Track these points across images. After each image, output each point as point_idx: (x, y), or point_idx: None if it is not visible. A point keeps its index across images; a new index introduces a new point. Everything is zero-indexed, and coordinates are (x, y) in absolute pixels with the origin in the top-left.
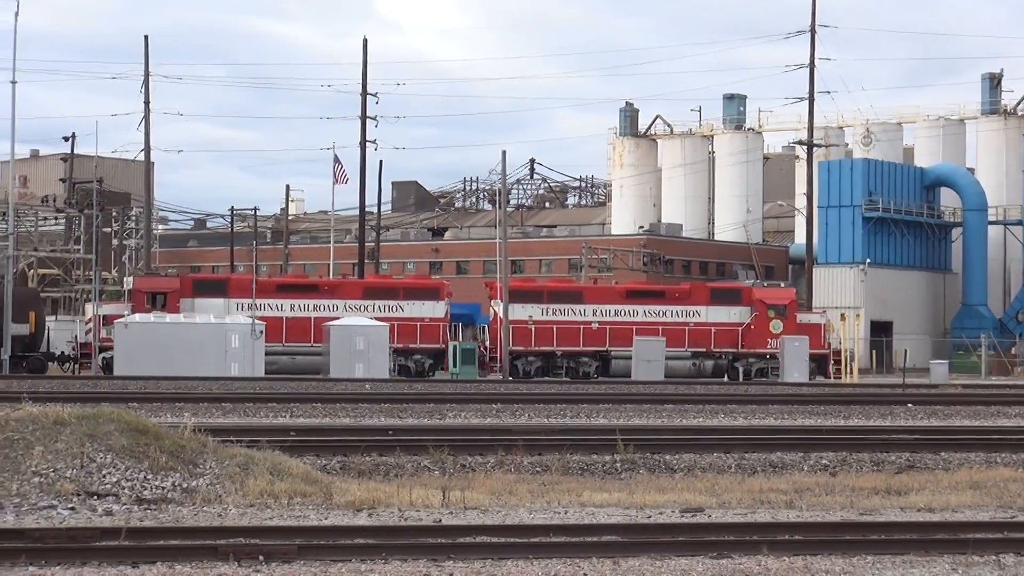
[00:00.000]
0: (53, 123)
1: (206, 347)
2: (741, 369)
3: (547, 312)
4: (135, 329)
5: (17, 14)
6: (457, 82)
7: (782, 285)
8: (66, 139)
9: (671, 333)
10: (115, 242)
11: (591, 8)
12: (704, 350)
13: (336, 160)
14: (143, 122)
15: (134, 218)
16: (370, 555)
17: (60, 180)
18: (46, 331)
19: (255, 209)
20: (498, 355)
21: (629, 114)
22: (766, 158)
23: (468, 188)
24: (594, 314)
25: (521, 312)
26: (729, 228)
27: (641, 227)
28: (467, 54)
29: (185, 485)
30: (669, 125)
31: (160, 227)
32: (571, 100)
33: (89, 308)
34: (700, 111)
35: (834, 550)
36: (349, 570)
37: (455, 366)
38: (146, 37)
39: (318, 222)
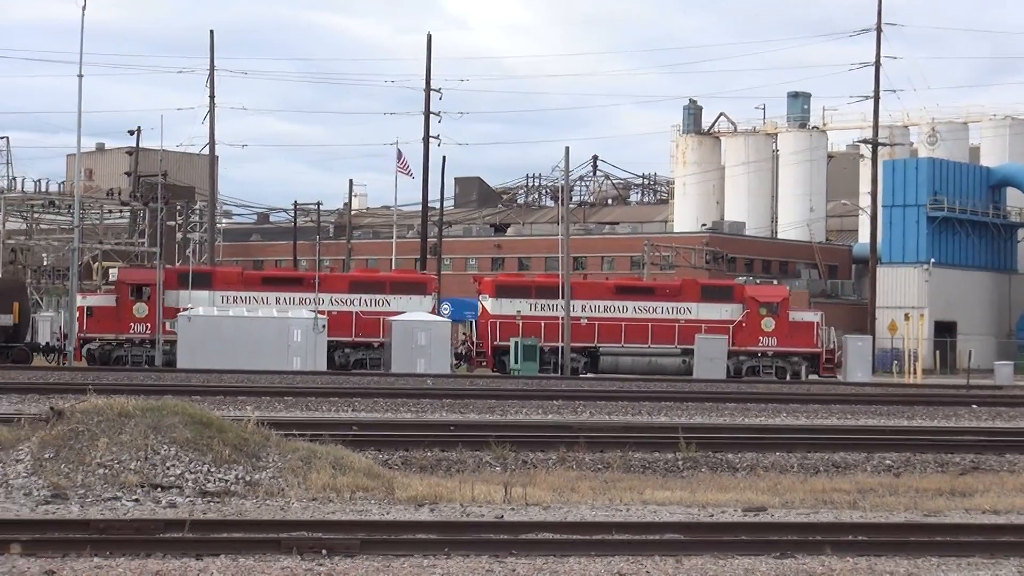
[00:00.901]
0: (119, 117)
1: (268, 341)
2: (732, 367)
3: (535, 307)
4: (198, 322)
5: (84, 8)
6: (521, 78)
7: (775, 283)
8: (131, 133)
9: (661, 330)
10: (179, 236)
11: (656, 5)
12: (694, 348)
13: (399, 154)
14: (208, 116)
15: (198, 212)
16: (432, 550)
17: (125, 173)
18: (31, 322)
19: (318, 204)
20: (486, 350)
21: (693, 112)
22: (830, 157)
23: (531, 184)
24: (583, 310)
25: (509, 307)
26: (792, 227)
27: (704, 225)
28: (531, 50)
29: (248, 478)
30: (733, 123)
31: (224, 221)
32: (635, 97)
33: (77, 299)
34: (764, 109)
35: (898, 551)
36: (411, 565)
37: (516, 362)
38: (211, 32)
39: (381, 217)
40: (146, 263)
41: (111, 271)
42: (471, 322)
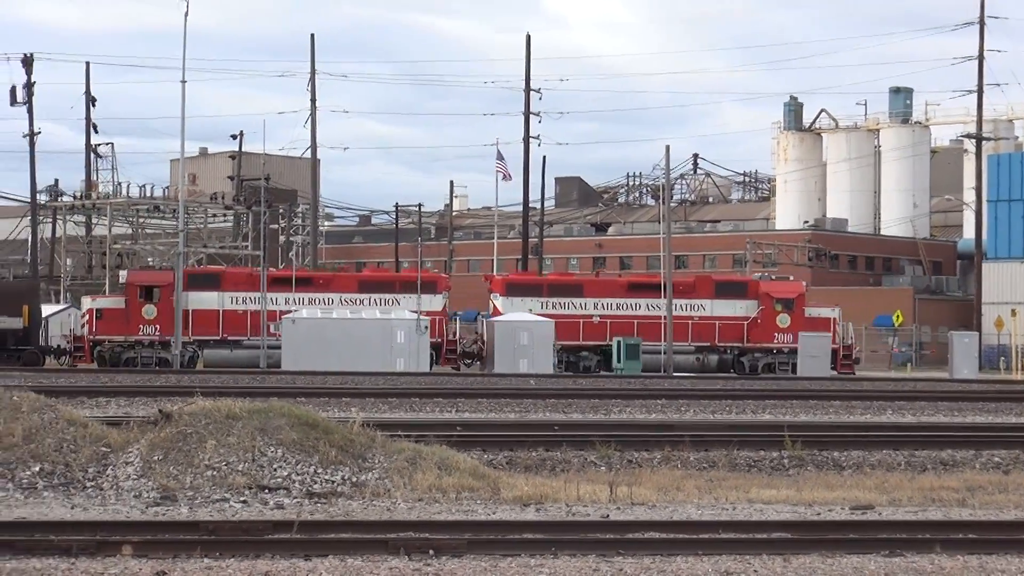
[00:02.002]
0: (221, 121)
1: (372, 342)
2: (747, 364)
3: (547, 306)
4: (302, 325)
5: (187, 14)
6: (621, 77)
7: (791, 279)
8: (234, 137)
9: (675, 327)
10: (282, 238)
11: (756, 1)
12: (708, 344)
13: (499, 156)
14: (309, 120)
15: (300, 215)
16: (539, 550)
17: (228, 177)
18: (42, 324)
19: (419, 205)
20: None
21: (793, 108)
22: (933, 152)
23: (631, 183)
24: (595, 307)
25: (520, 305)
26: (895, 223)
27: (806, 222)
28: (631, 49)
29: (354, 479)
30: (834, 119)
31: (326, 223)
32: (735, 94)
33: (86, 301)
34: (865, 105)
35: (1010, 549)
36: (519, 565)
37: (619, 361)
38: (312, 36)
39: (482, 218)
40: (250, 266)
41: (121, 273)
42: (483, 321)
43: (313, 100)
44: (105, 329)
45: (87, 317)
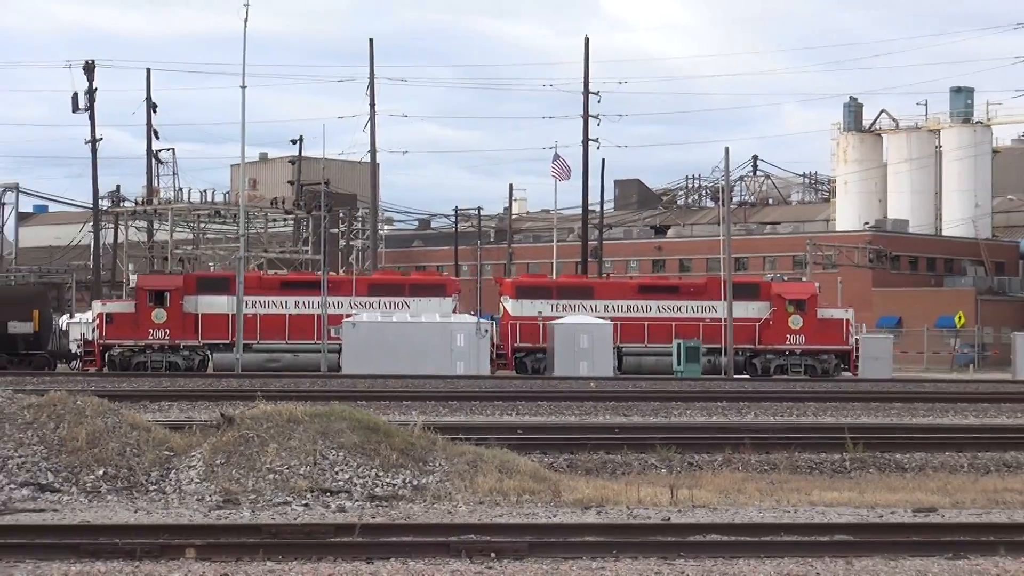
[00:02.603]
0: (281, 126)
1: (432, 346)
2: (759, 366)
3: (557, 308)
4: (363, 328)
5: (246, 21)
6: (680, 79)
7: (802, 279)
8: (294, 142)
9: (685, 329)
10: (342, 243)
11: (817, 2)
12: (720, 346)
13: (556, 157)
14: (369, 124)
15: (360, 219)
16: (600, 553)
17: (288, 182)
18: (53, 329)
19: (479, 209)
20: (507, 352)
21: (853, 109)
22: (995, 151)
23: (690, 185)
24: (605, 310)
25: (530, 308)
26: (957, 224)
27: (866, 223)
28: (690, 50)
29: (415, 482)
30: (894, 120)
31: (385, 228)
32: (794, 95)
33: (96, 306)
34: (926, 105)
35: None
36: (580, 568)
37: (679, 364)
38: (371, 41)
39: (541, 221)
40: (311, 271)
41: (131, 277)
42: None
43: (372, 105)
44: (115, 333)
45: (97, 321)
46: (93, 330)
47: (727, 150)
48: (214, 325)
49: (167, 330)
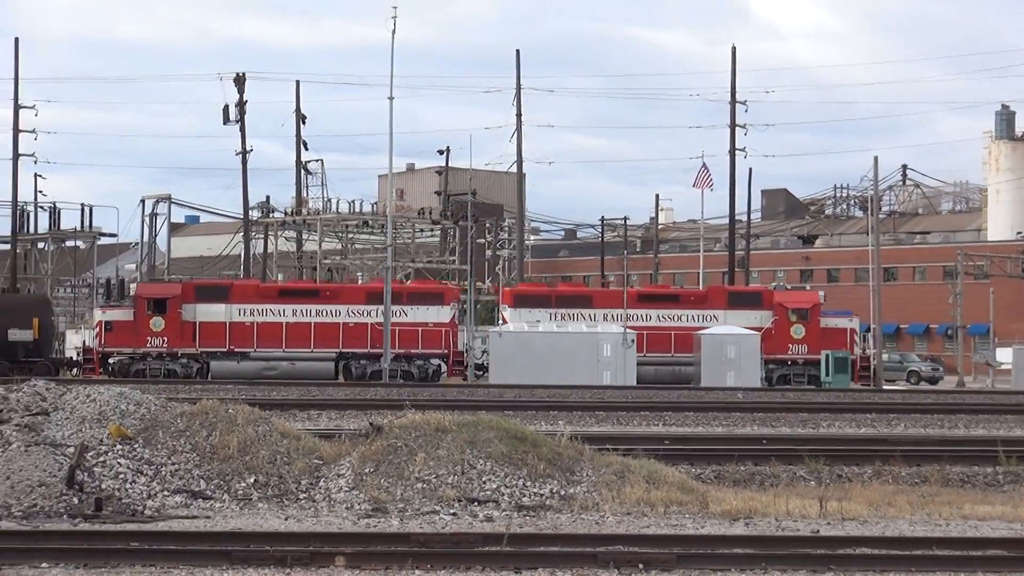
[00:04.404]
0: (428, 137)
1: (578, 356)
2: (762, 376)
3: (556, 317)
4: (509, 339)
5: (394, 32)
6: (829, 87)
7: (807, 288)
8: (441, 152)
9: (685, 338)
10: (488, 253)
11: (970, 8)
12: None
13: (703, 167)
14: (515, 134)
15: (507, 229)
16: (749, 565)
17: (435, 192)
18: (54, 336)
19: (625, 219)
20: None
21: (1005, 117)
22: None
23: (838, 195)
24: (604, 319)
25: (529, 317)
26: None
27: (1019, 233)
28: (840, 58)
29: (563, 492)
30: None
31: (532, 238)
32: (945, 103)
33: (96, 313)
34: None
35: None
36: None
37: (827, 375)
38: (517, 52)
39: (687, 231)
40: (458, 281)
41: (132, 286)
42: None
43: (519, 115)
44: (114, 341)
45: (97, 329)
46: (93, 338)
47: (875, 159)
48: (212, 333)
49: (165, 338)
